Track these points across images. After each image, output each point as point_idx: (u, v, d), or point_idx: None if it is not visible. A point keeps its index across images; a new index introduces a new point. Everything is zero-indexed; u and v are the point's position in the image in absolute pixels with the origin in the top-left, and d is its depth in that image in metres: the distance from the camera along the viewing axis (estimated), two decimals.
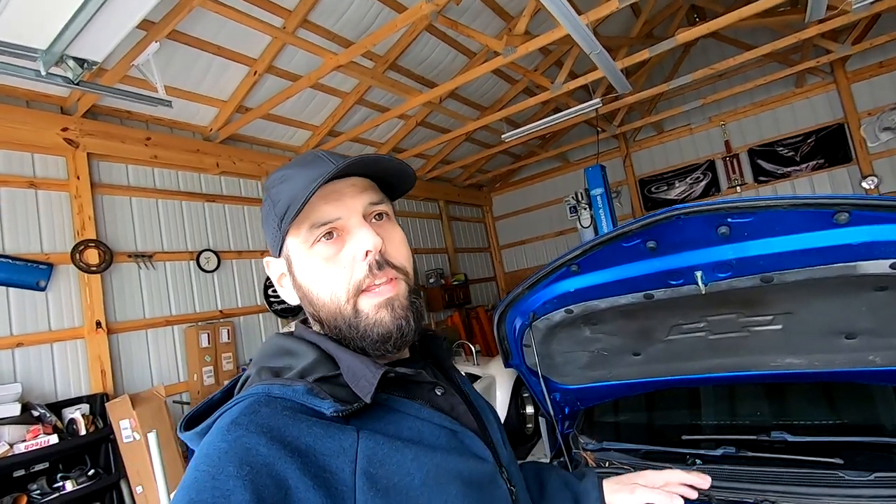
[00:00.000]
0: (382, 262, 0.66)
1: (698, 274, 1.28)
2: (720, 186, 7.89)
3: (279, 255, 0.70)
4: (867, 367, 1.49)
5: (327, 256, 0.65)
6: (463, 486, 0.60)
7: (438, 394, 0.70)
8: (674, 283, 1.34)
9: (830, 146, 7.07)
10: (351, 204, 0.66)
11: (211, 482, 0.49)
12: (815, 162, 7.18)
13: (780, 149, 7.40)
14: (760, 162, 7.56)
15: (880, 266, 1.10)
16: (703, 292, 1.31)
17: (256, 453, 0.51)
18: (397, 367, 0.65)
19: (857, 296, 1.30)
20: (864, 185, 6.73)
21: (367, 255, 0.64)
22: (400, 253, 0.69)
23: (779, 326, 1.50)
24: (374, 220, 0.68)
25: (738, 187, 7.70)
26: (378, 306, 0.65)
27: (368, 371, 0.61)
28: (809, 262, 1.15)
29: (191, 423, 0.63)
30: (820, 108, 7.15)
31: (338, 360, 0.65)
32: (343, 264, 0.65)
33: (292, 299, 0.72)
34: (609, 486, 0.89)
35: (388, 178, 0.72)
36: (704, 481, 0.86)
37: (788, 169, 7.36)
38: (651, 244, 1.27)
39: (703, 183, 8.03)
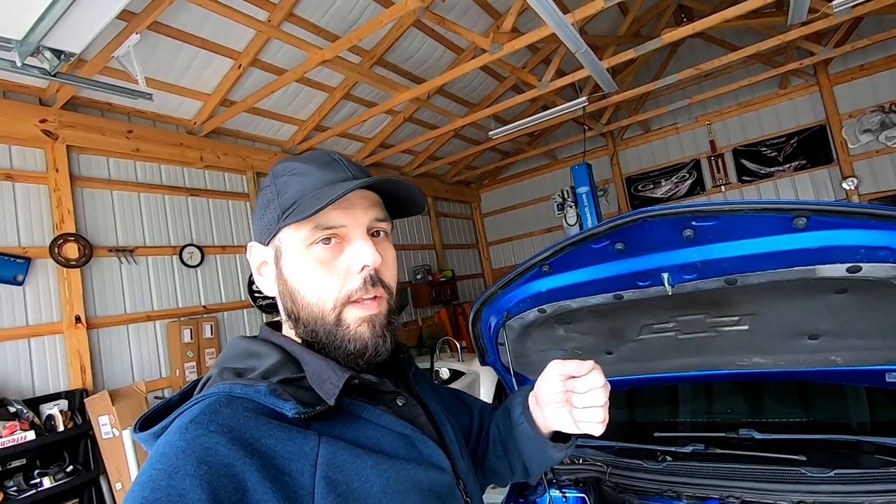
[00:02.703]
0: (376, 279, 0.67)
1: (665, 275, 1.30)
2: (705, 186, 7.97)
3: (267, 244, 0.70)
4: (829, 367, 1.53)
5: (323, 260, 0.65)
6: (421, 495, 0.61)
7: (400, 404, 0.70)
8: (642, 283, 1.37)
9: (812, 147, 7.17)
10: (359, 216, 0.67)
11: (166, 481, 0.48)
12: (797, 162, 7.28)
13: (764, 149, 7.50)
14: (744, 162, 7.65)
15: (838, 270, 1.13)
16: (671, 293, 1.34)
17: (216, 453, 0.51)
18: (362, 374, 0.65)
19: (819, 298, 1.33)
20: (844, 186, 6.84)
21: (363, 268, 0.65)
22: (390, 272, 0.71)
23: (745, 327, 1.53)
24: (373, 236, 0.69)
25: (722, 187, 7.78)
26: (361, 320, 0.66)
27: (334, 374, 0.62)
28: (770, 265, 1.17)
29: (147, 423, 0.62)
30: (802, 110, 7.25)
31: (303, 362, 0.65)
32: (338, 272, 0.65)
33: (269, 290, 0.72)
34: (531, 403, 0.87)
35: (398, 201, 0.74)
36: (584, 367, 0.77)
37: (772, 169, 7.46)
38: (619, 246, 1.29)
39: (689, 182, 8.10)
